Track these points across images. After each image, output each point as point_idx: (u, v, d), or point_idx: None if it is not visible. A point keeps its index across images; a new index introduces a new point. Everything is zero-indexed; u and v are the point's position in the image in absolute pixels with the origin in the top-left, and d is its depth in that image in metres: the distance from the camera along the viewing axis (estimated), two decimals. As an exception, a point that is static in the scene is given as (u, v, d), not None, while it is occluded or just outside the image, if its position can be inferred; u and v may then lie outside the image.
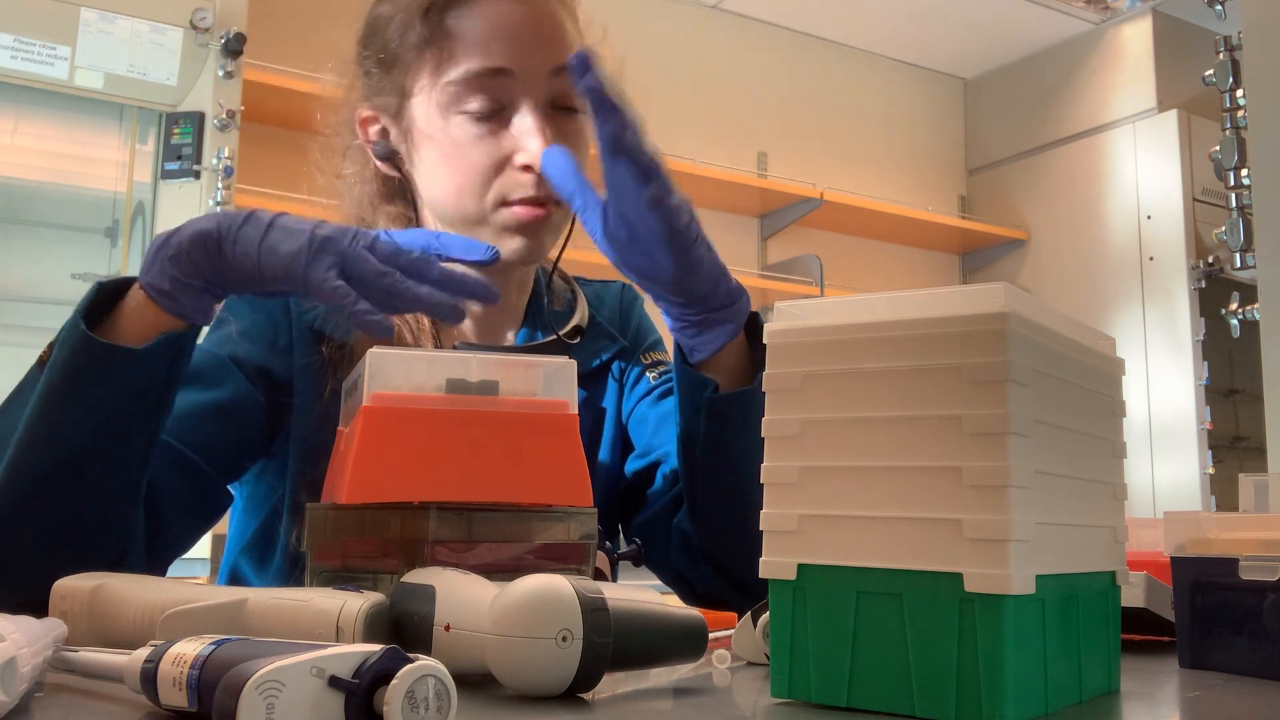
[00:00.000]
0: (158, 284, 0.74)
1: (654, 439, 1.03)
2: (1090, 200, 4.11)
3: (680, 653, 0.54)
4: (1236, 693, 0.56)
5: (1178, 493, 3.66)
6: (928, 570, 0.45)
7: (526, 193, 0.91)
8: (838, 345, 0.50)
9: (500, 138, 0.92)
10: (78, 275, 2.68)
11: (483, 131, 0.91)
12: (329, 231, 0.75)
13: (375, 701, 0.37)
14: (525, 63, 0.91)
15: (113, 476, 0.75)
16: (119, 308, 0.76)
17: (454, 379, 0.65)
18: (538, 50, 0.92)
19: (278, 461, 0.94)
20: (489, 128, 0.91)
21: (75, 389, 0.72)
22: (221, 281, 0.76)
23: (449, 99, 0.91)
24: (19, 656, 0.42)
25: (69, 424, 0.73)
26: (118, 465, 0.75)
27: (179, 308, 0.75)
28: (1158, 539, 0.70)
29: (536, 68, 0.91)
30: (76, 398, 0.72)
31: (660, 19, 3.95)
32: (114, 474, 0.75)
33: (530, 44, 0.91)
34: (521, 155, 0.91)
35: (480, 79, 0.90)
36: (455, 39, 0.91)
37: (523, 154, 0.91)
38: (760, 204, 4.07)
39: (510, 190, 0.92)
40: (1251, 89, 1.91)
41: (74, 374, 0.72)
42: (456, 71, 0.91)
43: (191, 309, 0.76)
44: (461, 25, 0.91)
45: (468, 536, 0.62)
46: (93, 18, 2.55)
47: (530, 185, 0.91)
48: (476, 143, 0.92)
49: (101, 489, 0.74)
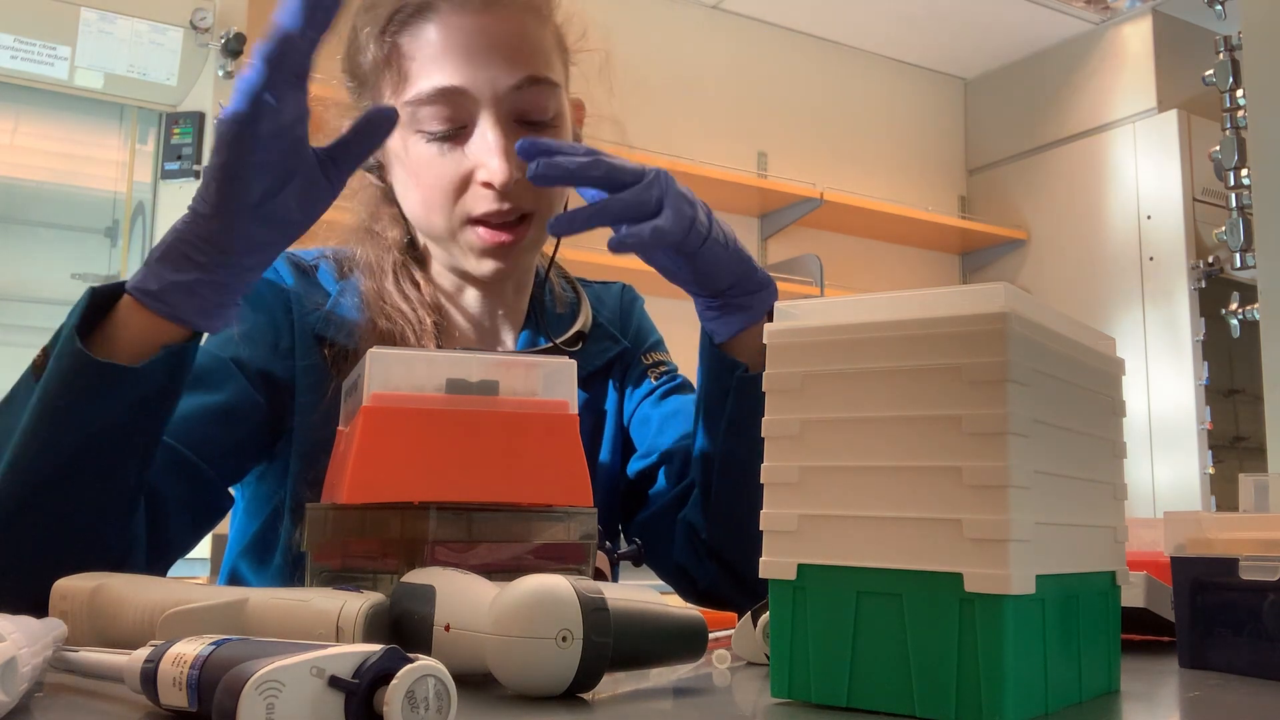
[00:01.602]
0: (143, 285, 0.71)
1: (657, 439, 1.03)
2: (1090, 200, 4.10)
3: (680, 653, 0.54)
4: (1236, 693, 0.56)
5: (1178, 493, 3.66)
6: (928, 570, 0.45)
7: (490, 207, 0.91)
8: (838, 345, 0.50)
9: (461, 155, 0.91)
10: (78, 275, 2.68)
11: (443, 150, 0.91)
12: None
13: (375, 701, 0.37)
14: (481, 79, 0.89)
15: (111, 484, 0.74)
16: (113, 315, 0.73)
17: (454, 379, 0.65)
18: (495, 66, 0.90)
19: (279, 463, 0.94)
20: (449, 145, 0.91)
21: (70, 403, 0.71)
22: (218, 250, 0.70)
23: (408, 118, 0.91)
24: (19, 656, 0.42)
25: (65, 435, 0.71)
26: (115, 473, 0.73)
27: (171, 310, 0.72)
28: (1158, 539, 0.70)
29: (495, 83, 0.90)
30: (73, 411, 0.71)
31: (660, 19, 3.95)
32: (112, 481, 0.74)
33: (486, 60, 0.90)
34: (481, 172, 0.90)
35: (435, 98, 0.89)
36: (408, 59, 0.91)
37: (483, 170, 0.90)
38: (760, 204, 4.07)
39: (474, 206, 0.91)
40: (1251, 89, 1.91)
41: (69, 388, 0.70)
42: (411, 91, 0.90)
43: (187, 310, 0.72)
44: (414, 45, 0.91)
45: (468, 536, 0.62)
46: (93, 18, 2.55)
47: (493, 199, 0.91)
48: (436, 161, 0.91)
49: (100, 496, 0.73)
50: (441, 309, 1.01)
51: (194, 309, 0.72)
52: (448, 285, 1.01)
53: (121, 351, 0.72)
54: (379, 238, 1.00)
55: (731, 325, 0.89)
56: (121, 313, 0.73)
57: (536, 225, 0.94)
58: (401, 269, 0.99)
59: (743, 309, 0.89)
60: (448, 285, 1.01)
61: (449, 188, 0.91)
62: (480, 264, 0.94)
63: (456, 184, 0.91)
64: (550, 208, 0.94)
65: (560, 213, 0.96)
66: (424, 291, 0.99)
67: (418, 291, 0.98)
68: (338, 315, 0.95)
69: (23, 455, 0.71)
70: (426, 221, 0.95)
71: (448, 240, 0.94)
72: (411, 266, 1.00)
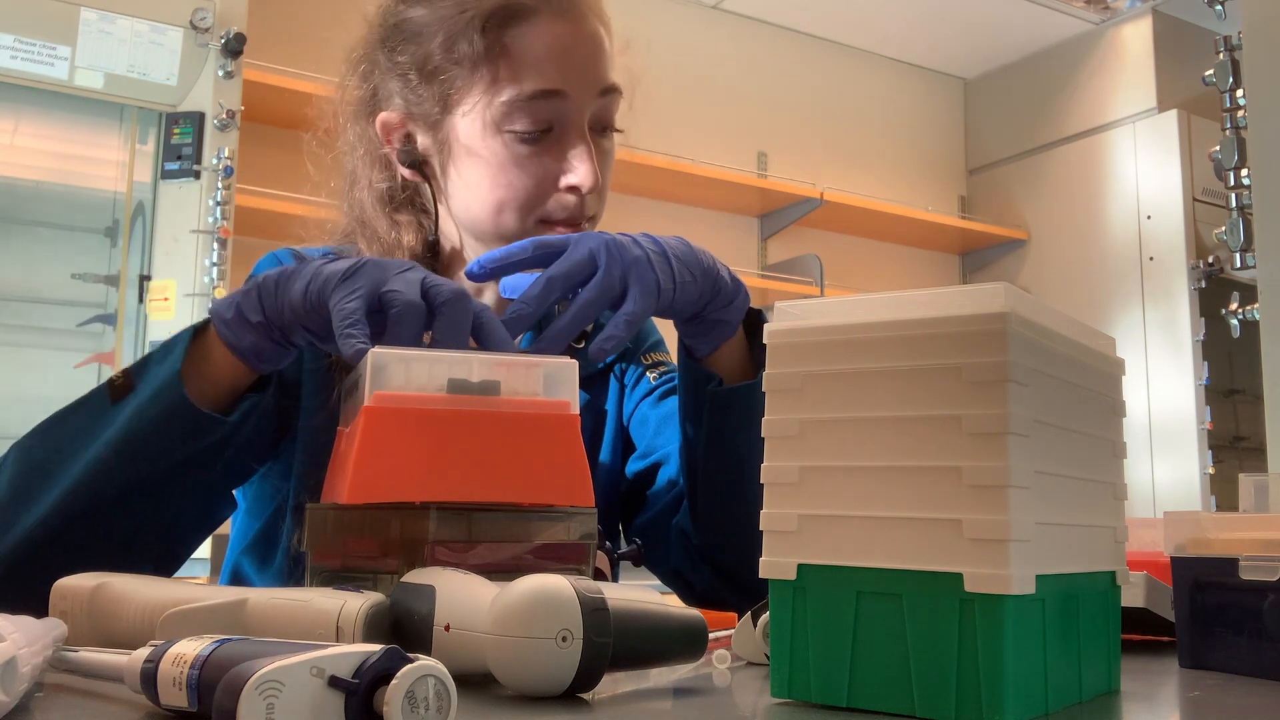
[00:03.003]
0: (222, 311, 0.76)
1: (655, 439, 1.03)
2: (1090, 200, 4.11)
3: (680, 653, 0.54)
4: (1236, 693, 0.56)
5: (1178, 493, 3.66)
6: (928, 570, 0.45)
7: (570, 214, 0.92)
8: (838, 345, 0.50)
9: (547, 158, 0.92)
10: (78, 275, 2.69)
11: (531, 151, 0.91)
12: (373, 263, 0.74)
13: (375, 701, 0.37)
14: (578, 85, 0.91)
15: (185, 502, 0.80)
16: (195, 347, 0.77)
17: (455, 379, 0.65)
18: (589, 72, 0.92)
19: (282, 462, 0.94)
20: (538, 148, 0.91)
21: (158, 438, 0.76)
22: (278, 318, 0.75)
23: (500, 116, 0.90)
24: (19, 656, 0.42)
25: (145, 463, 0.76)
26: (191, 493, 0.80)
27: (236, 340, 0.75)
28: (1158, 539, 0.70)
29: (587, 90, 0.92)
30: (160, 444, 0.76)
31: (660, 19, 3.95)
32: (186, 500, 0.80)
33: (582, 66, 0.92)
34: (570, 176, 0.91)
35: (535, 100, 0.90)
36: (513, 57, 0.90)
37: (572, 174, 0.91)
38: (760, 204, 4.07)
39: (554, 211, 0.92)
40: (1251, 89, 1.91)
41: (162, 427, 0.75)
42: (512, 90, 0.90)
43: (248, 347, 0.76)
44: (520, 44, 0.90)
45: (468, 536, 0.62)
46: (93, 18, 2.55)
47: (574, 207, 0.92)
48: (524, 162, 0.91)
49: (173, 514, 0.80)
50: None
51: (257, 353, 0.77)
52: (466, 288, 1.00)
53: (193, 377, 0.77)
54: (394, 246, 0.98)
55: (713, 340, 0.88)
56: (202, 345, 0.78)
57: (595, 226, 0.96)
58: None
59: (721, 322, 0.87)
60: (466, 288, 1.00)
61: (532, 188, 0.92)
62: None
63: (540, 186, 0.92)
64: (603, 211, 0.98)
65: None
66: None
67: None
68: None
69: (96, 474, 0.75)
70: (494, 221, 0.93)
71: (510, 240, 0.91)
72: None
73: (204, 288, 2.58)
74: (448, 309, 0.71)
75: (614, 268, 0.78)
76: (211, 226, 2.60)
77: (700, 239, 0.87)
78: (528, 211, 0.92)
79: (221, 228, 2.60)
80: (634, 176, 3.58)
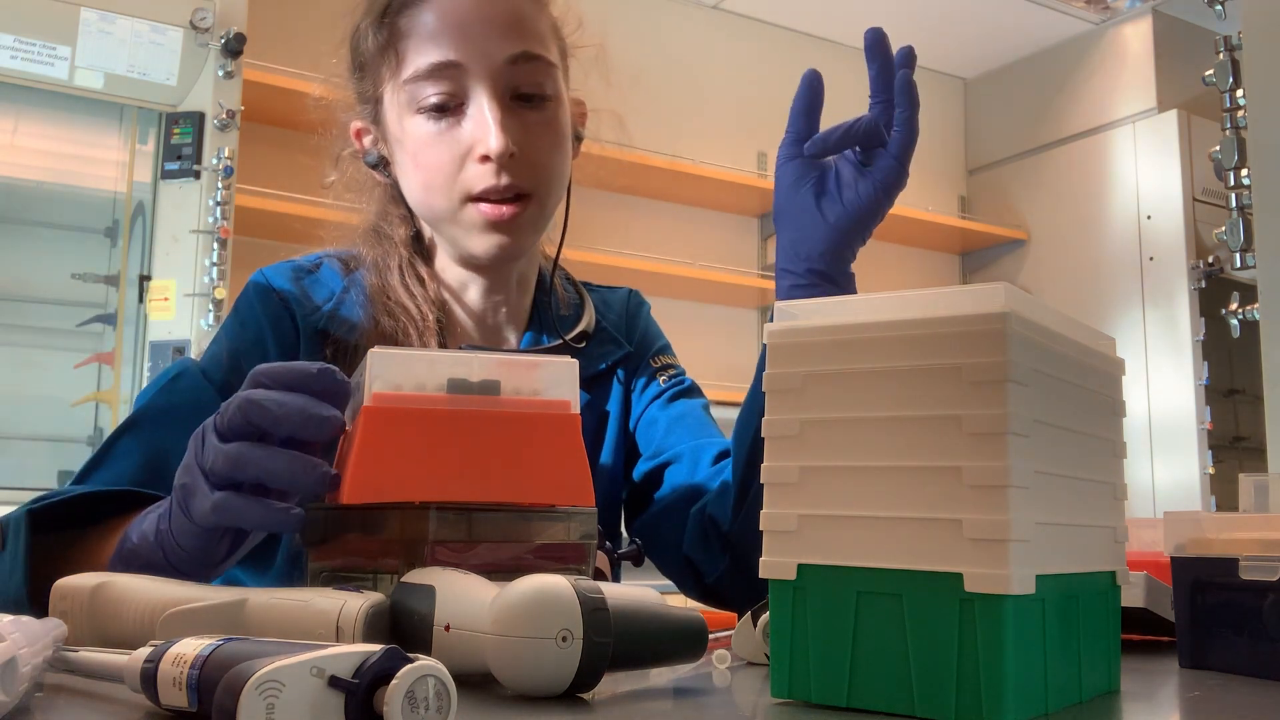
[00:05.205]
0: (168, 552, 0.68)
1: (665, 440, 1.03)
2: (1090, 200, 4.11)
3: (680, 653, 0.54)
4: (1236, 693, 0.56)
5: (1178, 493, 3.66)
6: (928, 570, 0.45)
7: (489, 182, 0.91)
8: (838, 345, 0.50)
9: (458, 131, 0.92)
10: (78, 275, 2.69)
11: (441, 127, 0.92)
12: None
13: (375, 701, 0.37)
14: (476, 54, 0.91)
15: None
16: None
17: (455, 379, 0.65)
18: (490, 40, 0.92)
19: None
20: (447, 123, 0.92)
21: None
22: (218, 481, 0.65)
23: (408, 98, 0.93)
24: (19, 656, 0.42)
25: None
26: None
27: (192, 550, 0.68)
28: (1158, 539, 0.70)
29: (488, 58, 0.92)
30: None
31: (660, 19, 3.95)
32: None
33: (481, 34, 0.92)
34: (479, 146, 0.91)
35: (431, 73, 0.91)
36: (407, 38, 0.93)
37: (480, 145, 0.91)
38: (760, 204, 4.07)
39: (473, 183, 0.92)
40: (1251, 89, 1.91)
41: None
42: (409, 70, 0.93)
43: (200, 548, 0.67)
44: (412, 24, 0.93)
45: (468, 536, 0.62)
46: (93, 18, 2.55)
47: (491, 174, 0.92)
48: (436, 139, 0.92)
49: None
50: (445, 306, 1.01)
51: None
52: (452, 280, 1.02)
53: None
54: (387, 237, 1.01)
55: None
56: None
57: (536, 204, 0.94)
58: (407, 265, 1.00)
59: (825, 291, 0.87)
60: (452, 280, 1.02)
61: (448, 165, 0.92)
62: (483, 240, 0.94)
63: (455, 161, 0.92)
64: (548, 188, 0.95)
65: (558, 194, 0.96)
66: (428, 288, 0.99)
67: (422, 288, 0.99)
68: (340, 313, 0.95)
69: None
70: (427, 204, 0.96)
71: (449, 222, 0.95)
72: (417, 262, 1.00)
73: (204, 288, 2.58)
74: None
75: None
76: (211, 226, 2.60)
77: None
78: (450, 188, 0.93)
79: (221, 228, 2.60)
80: (634, 176, 3.58)
